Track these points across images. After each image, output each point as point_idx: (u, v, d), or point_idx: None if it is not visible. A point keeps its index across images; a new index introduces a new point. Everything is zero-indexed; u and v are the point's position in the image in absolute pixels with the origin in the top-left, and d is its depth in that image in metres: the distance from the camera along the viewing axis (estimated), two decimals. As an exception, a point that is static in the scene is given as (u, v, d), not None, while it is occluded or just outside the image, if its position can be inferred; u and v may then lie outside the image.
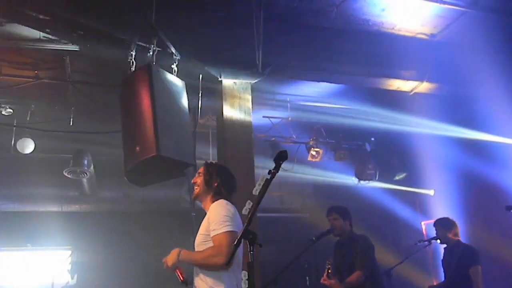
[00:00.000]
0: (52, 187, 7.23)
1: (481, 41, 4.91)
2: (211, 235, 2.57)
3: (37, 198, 7.30)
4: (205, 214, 2.78)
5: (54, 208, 7.55)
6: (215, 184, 2.79)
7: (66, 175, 6.56)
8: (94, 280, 7.43)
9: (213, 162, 3.03)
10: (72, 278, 7.48)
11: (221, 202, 2.68)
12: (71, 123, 5.79)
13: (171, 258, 2.65)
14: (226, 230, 2.50)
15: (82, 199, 7.41)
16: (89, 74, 5.48)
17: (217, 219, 2.56)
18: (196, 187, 2.83)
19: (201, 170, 2.89)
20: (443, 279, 4.90)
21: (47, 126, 6.20)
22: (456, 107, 5.71)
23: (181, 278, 2.64)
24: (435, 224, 4.89)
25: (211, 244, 2.54)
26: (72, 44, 4.24)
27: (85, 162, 6.44)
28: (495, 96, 5.32)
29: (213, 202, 2.74)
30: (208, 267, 2.53)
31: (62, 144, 6.51)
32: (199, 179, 2.85)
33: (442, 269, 4.88)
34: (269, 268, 4.54)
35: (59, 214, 7.52)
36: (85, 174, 6.61)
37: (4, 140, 6.32)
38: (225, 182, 2.82)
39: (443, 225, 4.81)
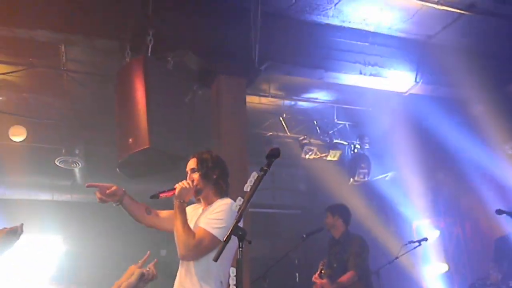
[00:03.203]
0: (43, 175, 7.20)
1: (478, 44, 4.93)
2: (200, 223, 2.49)
3: (28, 186, 7.26)
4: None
5: (45, 196, 7.52)
6: (214, 177, 2.62)
7: (58, 164, 6.53)
8: (85, 269, 7.42)
9: (204, 152, 2.75)
10: (63, 267, 7.48)
11: (229, 205, 2.46)
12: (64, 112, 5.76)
13: (182, 185, 2.53)
14: (214, 233, 2.41)
15: (74, 188, 7.38)
16: (84, 63, 5.45)
17: (217, 216, 2.46)
18: (194, 184, 2.60)
19: (194, 165, 2.66)
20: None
21: (40, 115, 6.16)
22: (451, 110, 5.72)
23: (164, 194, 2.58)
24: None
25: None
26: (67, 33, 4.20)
27: (77, 152, 6.40)
28: (489, 99, 5.36)
29: (218, 197, 2.60)
30: (179, 241, 2.45)
31: (55, 133, 6.47)
32: (194, 175, 2.63)
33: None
34: (259, 264, 4.56)
35: (51, 202, 7.50)
36: (77, 164, 6.58)
37: (-3, 128, 6.28)
38: (222, 172, 2.66)
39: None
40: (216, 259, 1.80)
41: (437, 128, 5.97)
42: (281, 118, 6.60)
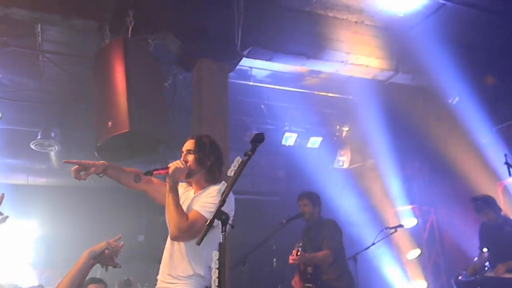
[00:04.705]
0: (18, 159, 7.03)
1: (458, 34, 4.99)
2: (195, 206, 2.48)
3: (2, 170, 7.08)
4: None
5: (20, 180, 7.35)
6: (209, 163, 2.59)
7: (33, 148, 6.37)
8: (60, 254, 7.32)
9: (203, 136, 2.70)
10: (38, 252, 7.37)
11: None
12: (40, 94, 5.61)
13: (176, 165, 2.48)
14: (208, 216, 2.37)
15: (50, 172, 7.24)
16: (61, 44, 5.30)
17: (212, 200, 2.45)
18: (188, 166, 2.55)
19: (191, 146, 2.62)
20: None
21: (14, 96, 5.99)
22: (429, 99, 5.82)
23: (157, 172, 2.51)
24: (480, 199, 4.88)
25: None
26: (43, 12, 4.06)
27: (53, 135, 6.26)
28: (466, 89, 5.46)
29: (209, 183, 2.58)
30: (171, 223, 2.44)
31: (30, 116, 6.30)
32: (190, 157, 2.59)
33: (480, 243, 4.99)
34: (237, 249, 4.57)
35: (25, 187, 7.34)
36: (53, 148, 6.44)
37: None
38: (217, 160, 2.63)
39: (493, 201, 4.83)
40: (199, 242, 1.79)
41: (416, 117, 6.06)
42: (262, 105, 6.58)
